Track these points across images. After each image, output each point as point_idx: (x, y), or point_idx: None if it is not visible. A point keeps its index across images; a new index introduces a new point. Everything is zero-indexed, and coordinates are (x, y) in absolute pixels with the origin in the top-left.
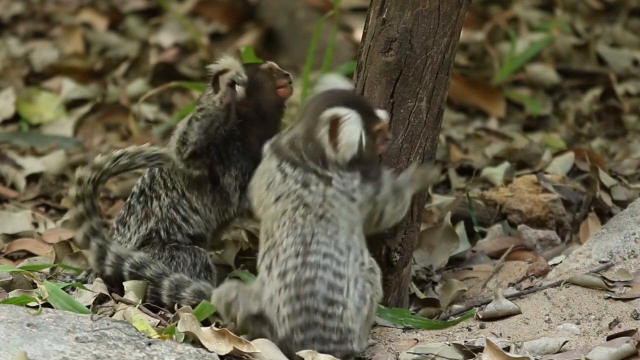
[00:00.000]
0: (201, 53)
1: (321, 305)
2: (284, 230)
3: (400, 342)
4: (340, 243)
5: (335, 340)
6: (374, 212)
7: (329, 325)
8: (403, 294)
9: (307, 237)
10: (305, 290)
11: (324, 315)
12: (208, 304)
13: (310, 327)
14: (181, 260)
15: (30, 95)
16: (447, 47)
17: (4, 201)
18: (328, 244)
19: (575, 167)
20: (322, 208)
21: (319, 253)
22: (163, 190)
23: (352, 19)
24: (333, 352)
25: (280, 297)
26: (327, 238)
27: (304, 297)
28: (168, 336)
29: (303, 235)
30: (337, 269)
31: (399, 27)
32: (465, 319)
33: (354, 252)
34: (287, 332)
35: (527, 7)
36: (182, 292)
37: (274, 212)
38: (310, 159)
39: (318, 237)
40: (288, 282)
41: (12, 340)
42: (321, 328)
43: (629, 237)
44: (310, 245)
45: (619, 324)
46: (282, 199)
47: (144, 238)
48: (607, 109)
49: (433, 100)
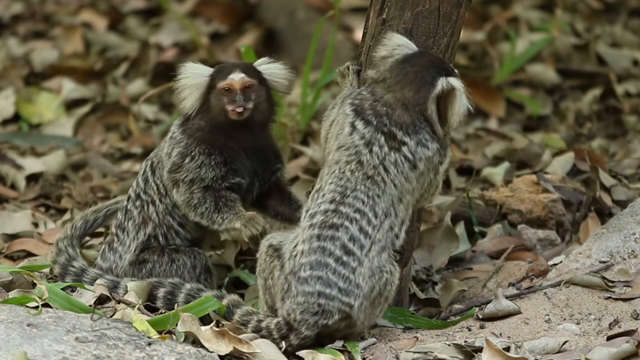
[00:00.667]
0: (201, 53)
1: (337, 251)
2: (330, 178)
3: (400, 341)
4: (378, 207)
5: (340, 287)
6: (433, 182)
7: (339, 271)
8: (403, 294)
9: (347, 190)
10: (327, 233)
11: (337, 261)
12: (209, 298)
13: (320, 266)
14: (181, 264)
15: (30, 95)
16: (447, 47)
17: (4, 201)
18: (365, 202)
19: (575, 167)
20: (374, 170)
21: (352, 207)
22: (157, 196)
23: (352, 19)
24: (332, 299)
25: (303, 233)
26: (366, 197)
27: (324, 238)
28: (168, 336)
29: (344, 187)
30: (365, 227)
31: (399, 27)
32: (465, 319)
33: (390, 220)
34: (296, 265)
35: (527, 7)
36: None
37: (330, 159)
38: (394, 124)
39: (357, 193)
40: (315, 222)
41: (12, 340)
42: (331, 271)
43: (629, 237)
44: (347, 198)
45: (619, 324)
46: (341, 149)
47: (143, 244)
48: (607, 109)
49: None
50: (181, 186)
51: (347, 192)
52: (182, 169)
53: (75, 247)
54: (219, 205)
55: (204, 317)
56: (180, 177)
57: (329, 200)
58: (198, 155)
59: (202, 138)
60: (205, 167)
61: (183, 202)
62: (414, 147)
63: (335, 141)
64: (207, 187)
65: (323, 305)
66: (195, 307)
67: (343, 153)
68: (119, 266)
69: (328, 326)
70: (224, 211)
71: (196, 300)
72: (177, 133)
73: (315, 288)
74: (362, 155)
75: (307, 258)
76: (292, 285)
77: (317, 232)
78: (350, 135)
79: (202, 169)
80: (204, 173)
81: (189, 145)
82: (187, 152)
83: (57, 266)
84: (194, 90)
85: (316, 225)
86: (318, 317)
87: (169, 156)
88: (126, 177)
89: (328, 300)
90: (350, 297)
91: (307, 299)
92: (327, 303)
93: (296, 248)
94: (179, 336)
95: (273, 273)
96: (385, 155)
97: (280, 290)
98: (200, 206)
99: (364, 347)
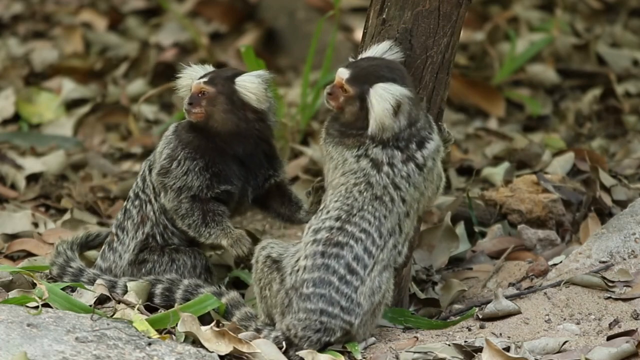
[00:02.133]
0: (201, 53)
1: (342, 269)
2: (335, 197)
3: (400, 341)
4: (384, 227)
5: (342, 305)
6: (439, 172)
7: (342, 289)
8: (403, 294)
9: (354, 210)
10: (332, 251)
11: (341, 279)
12: (209, 296)
13: (323, 284)
14: (181, 263)
15: (30, 95)
16: (447, 47)
17: (4, 201)
18: (371, 223)
19: (575, 167)
20: (384, 190)
21: (358, 226)
22: (152, 195)
23: (352, 19)
24: (335, 318)
25: (306, 248)
26: (373, 218)
27: (328, 256)
28: (168, 336)
29: (351, 206)
30: (370, 247)
31: (399, 27)
32: (465, 319)
33: (394, 239)
34: (297, 281)
35: (527, 7)
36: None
37: (335, 183)
38: (408, 144)
39: (364, 213)
40: (319, 238)
41: (12, 340)
42: (334, 289)
43: (629, 237)
44: (354, 217)
45: (619, 324)
46: (347, 174)
47: (142, 244)
48: (607, 109)
49: (433, 100)
50: (169, 193)
51: (353, 211)
52: (169, 175)
53: (74, 250)
54: (207, 220)
55: (203, 316)
56: (168, 182)
57: (335, 217)
58: (183, 160)
59: (188, 141)
60: (190, 174)
61: (171, 209)
62: (421, 154)
63: (338, 171)
64: (194, 197)
65: (325, 323)
66: (195, 305)
67: (350, 177)
68: (118, 266)
69: (330, 343)
70: (212, 226)
71: (195, 298)
72: (170, 132)
73: (317, 305)
74: (370, 177)
75: (310, 274)
76: (293, 301)
77: (322, 249)
78: (358, 162)
79: (188, 176)
80: (190, 181)
81: (176, 148)
82: (174, 154)
83: (55, 267)
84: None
85: (320, 242)
86: (320, 334)
87: (160, 155)
88: (126, 177)
89: (330, 318)
90: (352, 316)
91: (309, 316)
92: (329, 321)
93: (298, 263)
94: (179, 336)
95: (271, 285)
96: (395, 173)
97: (280, 305)
98: (188, 217)
99: (364, 347)
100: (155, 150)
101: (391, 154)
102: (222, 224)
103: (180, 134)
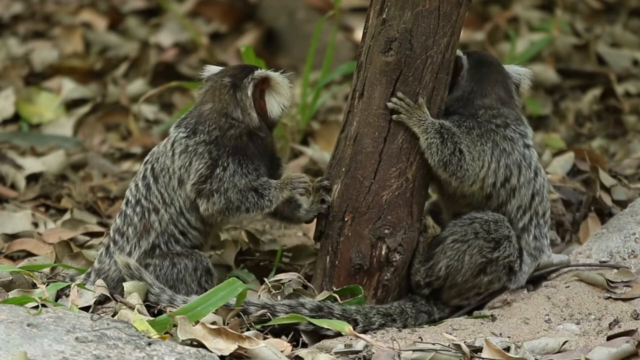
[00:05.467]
0: (201, 53)
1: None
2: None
3: (400, 341)
4: None
5: None
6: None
7: None
8: (403, 294)
9: None
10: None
11: None
12: (234, 280)
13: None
14: (182, 267)
15: (30, 95)
16: (447, 47)
17: (4, 201)
18: None
19: (575, 167)
20: None
21: None
22: (162, 206)
23: (352, 19)
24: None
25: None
26: None
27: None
28: (168, 336)
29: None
30: None
31: (399, 27)
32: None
33: None
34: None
35: (527, 7)
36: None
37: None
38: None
39: None
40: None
41: (12, 340)
42: None
43: (629, 237)
44: None
45: (619, 324)
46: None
47: (147, 253)
48: (607, 109)
49: (433, 100)
50: (215, 196)
51: None
52: (210, 180)
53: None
54: (259, 192)
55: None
56: (211, 188)
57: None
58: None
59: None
60: (237, 174)
61: (220, 210)
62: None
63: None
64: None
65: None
66: (222, 290)
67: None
68: (112, 270)
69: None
70: (267, 193)
71: (222, 283)
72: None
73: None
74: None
75: None
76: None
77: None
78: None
79: (235, 177)
80: (238, 180)
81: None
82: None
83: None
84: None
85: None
86: None
87: (192, 166)
88: (126, 177)
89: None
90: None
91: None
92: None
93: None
94: (178, 336)
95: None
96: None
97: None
98: (243, 204)
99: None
100: (163, 159)
101: None
102: (270, 185)
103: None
